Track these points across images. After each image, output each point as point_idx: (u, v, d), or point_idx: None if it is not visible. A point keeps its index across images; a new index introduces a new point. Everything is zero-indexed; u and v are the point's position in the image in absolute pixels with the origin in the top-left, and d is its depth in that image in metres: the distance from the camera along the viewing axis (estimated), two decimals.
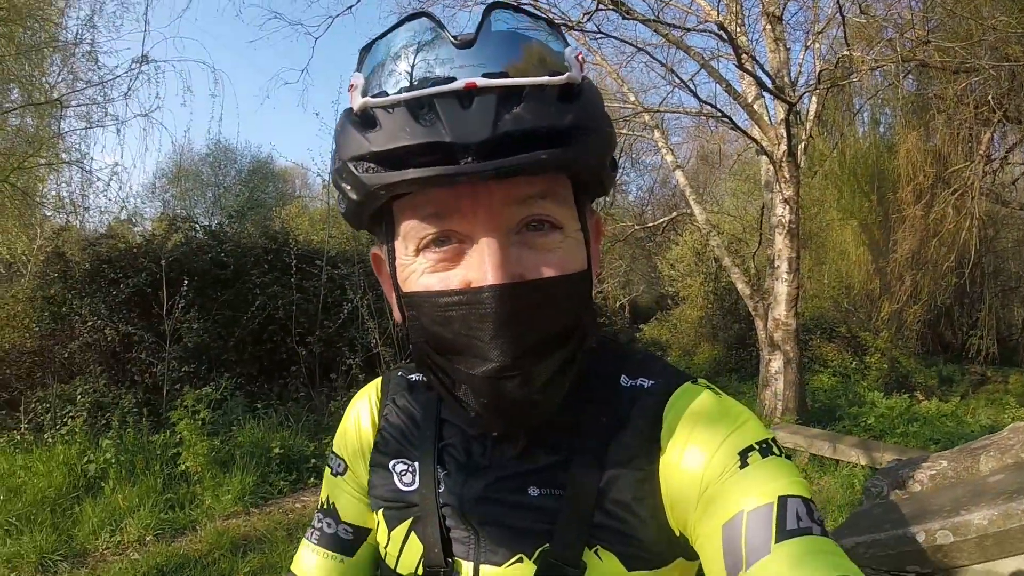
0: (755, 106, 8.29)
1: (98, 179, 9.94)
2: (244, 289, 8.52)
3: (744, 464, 0.69)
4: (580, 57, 0.70)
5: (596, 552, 0.75)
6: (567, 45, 0.71)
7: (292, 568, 0.99)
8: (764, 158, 8.72)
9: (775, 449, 0.72)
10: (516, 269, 0.68)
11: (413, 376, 0.96)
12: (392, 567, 0.87)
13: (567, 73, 0.66)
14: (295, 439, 6.83)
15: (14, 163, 8.43)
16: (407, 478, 0.88)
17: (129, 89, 9.48)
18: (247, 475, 5.99)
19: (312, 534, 0.98)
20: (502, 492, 0.80)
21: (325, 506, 0.99)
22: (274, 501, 5.91)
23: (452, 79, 0.63)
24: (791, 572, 0.60)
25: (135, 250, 8.47)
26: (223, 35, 52.54)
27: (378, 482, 0.91)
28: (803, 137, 8.45)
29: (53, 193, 9.97)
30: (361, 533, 0.97)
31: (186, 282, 7.53)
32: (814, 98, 8.61)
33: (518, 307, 0.67)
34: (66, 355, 7.65)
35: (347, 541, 0.96)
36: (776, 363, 8.27)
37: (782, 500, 0.65)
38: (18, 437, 6.52)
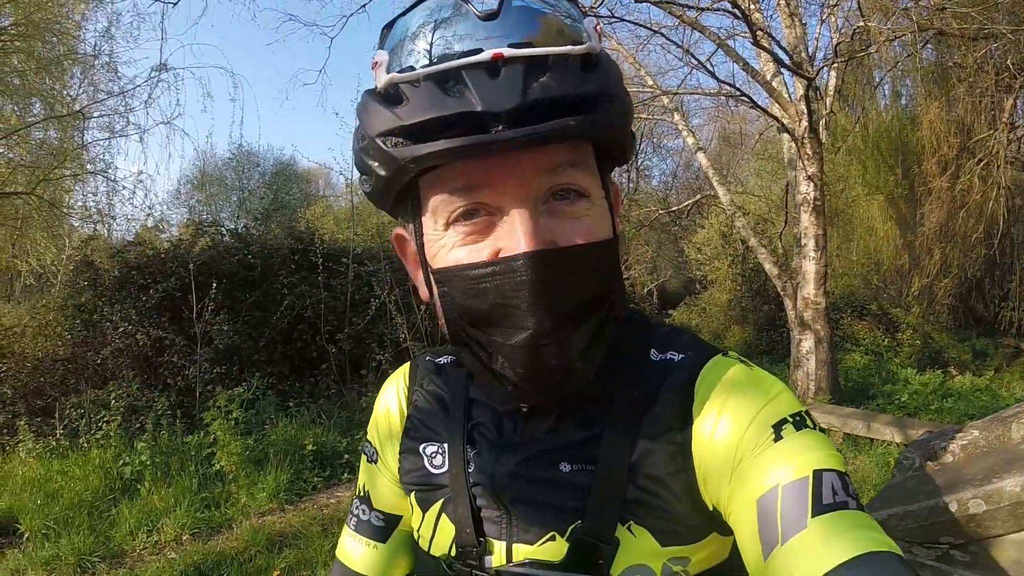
0: (774, 83, 8.23)
1: (123, 188, 10.08)
2: (272, 290, 8.66)
3: (778, 437, 0.69)
4: (598, 28, 0.72)
5: (629, 528, 0.75)
6: (584, 15, 0.73)
7: (336, 553, 1.03)
8: (786, 136, 8.66)
9: (809, 422, 0.72)
10: (547, 236, 0.69)
11: (441, 359, 0.97)
12: (426, 549, 0.88)
13: (587, 43, 0.68)
14: (328, 436, 6.92)
15: (40, 175, 8.61)
16: (437, 460, 0.89)
17: (150, 97, 9.75)
18: (281, 472, 6.09)
19: (351, 520, 1.02)
20: (534, 469, 0.80)
21: (361, 494, 1.01)
22: (308, 497, 6.00)
23: (478, 51, 0.65)
24: (828, 547, 0.60)
25: (163, 255, 8.64)
26: (239, 39, 52.92)
27: (409, 466, 0.92)
28: (824, 112, 8.39)
29: (79, 203, 10.17)
30: (392, 520, 0.99)
31: (215, 285, 7.66)
32: (833, 72, 8.48)
33: (551, 274, 0.68)
34: (99, 361, 7.81)
35: (379, 528, 0.99)
36: (807, 343, 8.23)
37: (817, 474, 0.65)
38: (54, 443, 6.62)
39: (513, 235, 0.68)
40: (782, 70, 8.31)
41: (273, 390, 7.75)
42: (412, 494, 0.92)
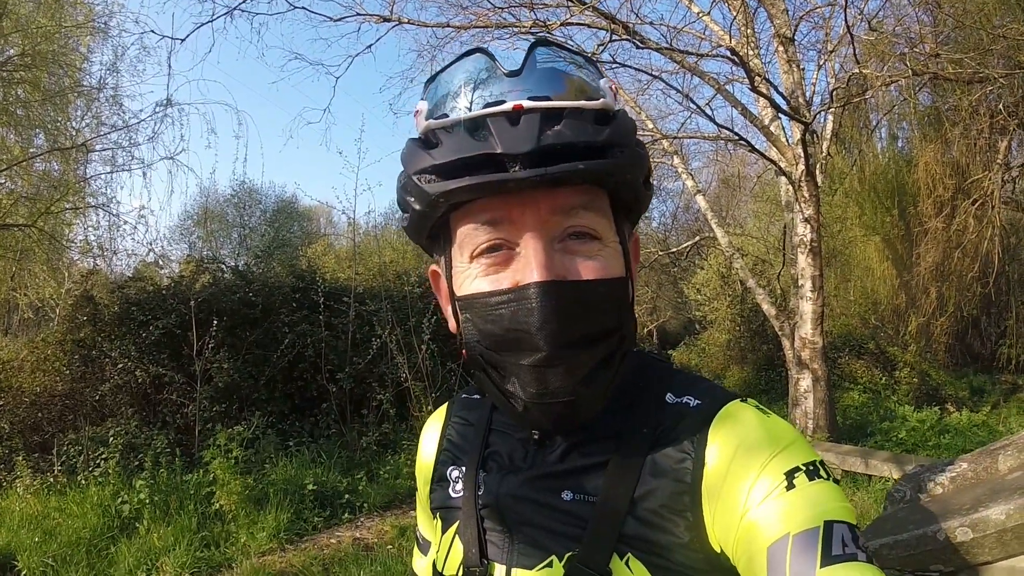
0: (772, 127, 8.56)
1: (125, 222, 10.17)
2: (273, 328, 8.73)
3: (790, 486, 0.71)
4: (614, 87, 0.80)
5: (627, 562, 0.77)
6: (602, 76, 0.81)
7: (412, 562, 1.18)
8: (783, 179, 8.98)
9: (822, 472, 0.73)
10: (559, 271, 0.76)
11: (475, 395, 1.06)
12: (440, 570, 0.95)
13: (602, 99, 0.77)
14: (328, 475, 6.97)
15: (41, 208, 8.69)
16: (458, 485, 0.96)
17: (155, 133, 9.79)
18: (281, 512, 6.12)
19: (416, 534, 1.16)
20: (536, 492, 0.85)
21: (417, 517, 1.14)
22: (309, 537, 6.04)
23: (502, 102, 0.74)
24: None
25: (164, 292, 8.72)
26: (244, 76, 53.24)
27: (437, 492, 1.01)
28: (821, 156, 8.68)
29: (80, 237, 10.22)
30: (427, 545, 1.10)
31: (215, 322, 7.72)
32: (830, 116, 8.82)
33: (561, 303, 0.75)
34: (97, 397, 7.83)
35: (424, 546, 1.12)
36: (805, 382, 8.46)
37: (828, 525, 0.67)
38: (52, 479, 6.64)
39: (528, 267, 0.76)
40: (780, 115, 8.57)
41: (273, 429, 7.78)
42: (437, 516, 1.00)
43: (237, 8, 8.57)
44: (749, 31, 9.00)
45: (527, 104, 0.73)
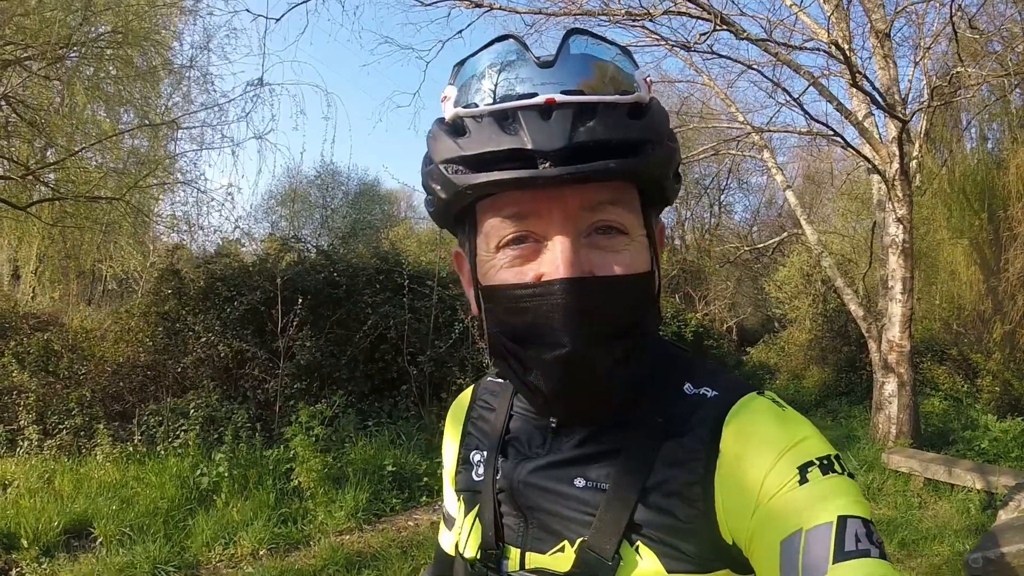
0: (865, 124, 8.43)
1: (212, 199, 10.36)
2: (356, 308, 8.87)
3: (804, 480, 0.72)
4: (648, 80, 0.79)
5: (637, 549, 0.79)
6: (637, 67, 0.80)
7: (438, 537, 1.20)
8: (875, 177, 8.86)
9: (837, 466, 0.74)
10: (585, 266, 0.77)
11: (499, 380, 1.07)
12: (461, 551, 0.98)
13: (636, 93, 0.76)
14: (407, 457, 7.00)
15: (129, 182, 8.90)
16: (479, 469, 0.99)
17: (245, 113, 9.93)
18: (360, 492, 6.17)
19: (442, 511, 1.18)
20: (550, 479, 0.86)
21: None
22: (387, 518, 6.07)
23: (534, 95, 0.73)
24: None
25: (250, 268, 8.92)
26: (332, 60, 53.67)
27: (461, 475, 1.04)
28: (914, 155, 8.54)
29: (168, 213, 10.48)
30: (452, 520, 1.11)
31: (300, 300, 7.84)
32: (922, 115, 8.65)
33: (585, 299, 0.75)
34: (179, 370, 8.07)
35: (449, 520, 1.13)
36: (890, 386, 8.36)
37: (842, 520, 0.68)
38: (131, 449, 6.79)
39: (554, 262, 0.76)
40: (873, 111, 8.49)
41: (353, 408, 7.90)
42: (460, 498, 1.04)
43: None
44: (845, 25, 8.85)
45: (559, 98, 0.73)
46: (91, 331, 8.80)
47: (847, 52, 7.06)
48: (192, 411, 7.13)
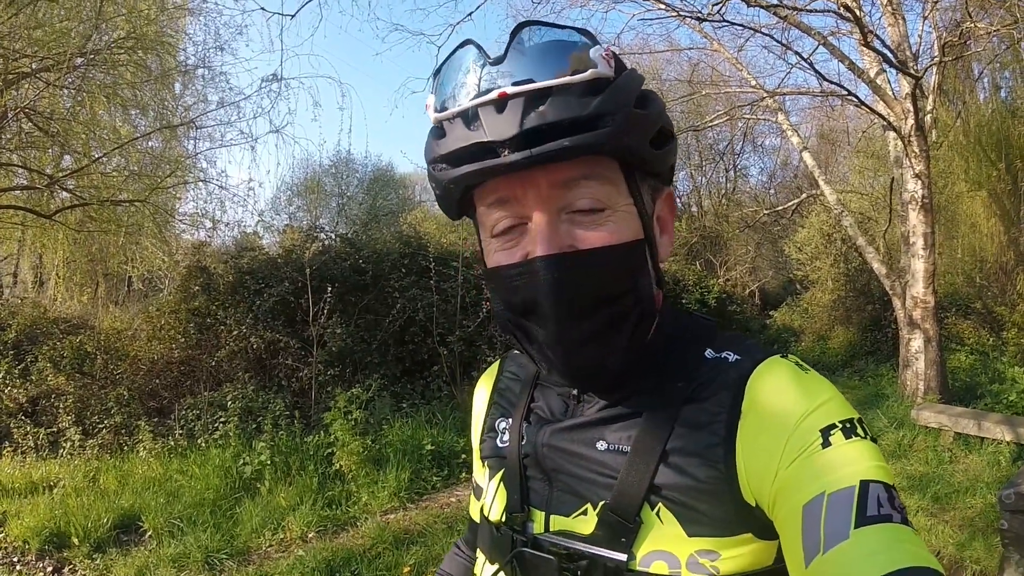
0: (878, 81, 8.52)
1: (234, 195, 10.51)
2: (383, 293, 9.10)
3: (826, 443, 0.73)
4: (607, 54, 0.80)
5: (658, 512, 0.81)
6: (595, 44, 0.80)
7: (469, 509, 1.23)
8: (890, 134, 8.96)
9: (859, 430, 0.75)
10: (566, 241, 0.81)
11: None
12: (487, 515, 1.01)
13: (592, 70, 0.77)
14: (444, 436, 7.19)
15: (151, 184, 9.03)
16: (505, 436, 1.03)
17: (262, 109, 10.05)
18: (401, 472, 6.35)
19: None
20: (572, 443, 0.90)
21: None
22: (429, 496, 6.25)
23: (491, 90, 0.78)
24: (868, 559, 0.64)
25: (278, 260, 9.11)
26: (343, 51, 53.60)
27: (487, 442, 1.07)
28: (928, 109, 8.60)
29: (191, 211, 10.68)
30: (481, 490, 1.12)
31: (328, 289, 8.04)
32: (935, 70, 8.67)
33: (566, 273, 0.80)
34: (213, 363, 8.27)
35: (478, 491, 1.14)
36: (916, 343, 8.49)
37: (864, 485, 0.69)
38: (172, 443, 7.01)
39: (534, 241, 0.81)
40: (885, 68, 8.56)
41: (386, 391, 8.09)
42: (485, 464, 1.08)
43: None
44: None
45: (510, 90, 0.76)
46: (122, 331, 8.96)
47: (857, 12, 7.14)
48: (229, 403, 7.31)
